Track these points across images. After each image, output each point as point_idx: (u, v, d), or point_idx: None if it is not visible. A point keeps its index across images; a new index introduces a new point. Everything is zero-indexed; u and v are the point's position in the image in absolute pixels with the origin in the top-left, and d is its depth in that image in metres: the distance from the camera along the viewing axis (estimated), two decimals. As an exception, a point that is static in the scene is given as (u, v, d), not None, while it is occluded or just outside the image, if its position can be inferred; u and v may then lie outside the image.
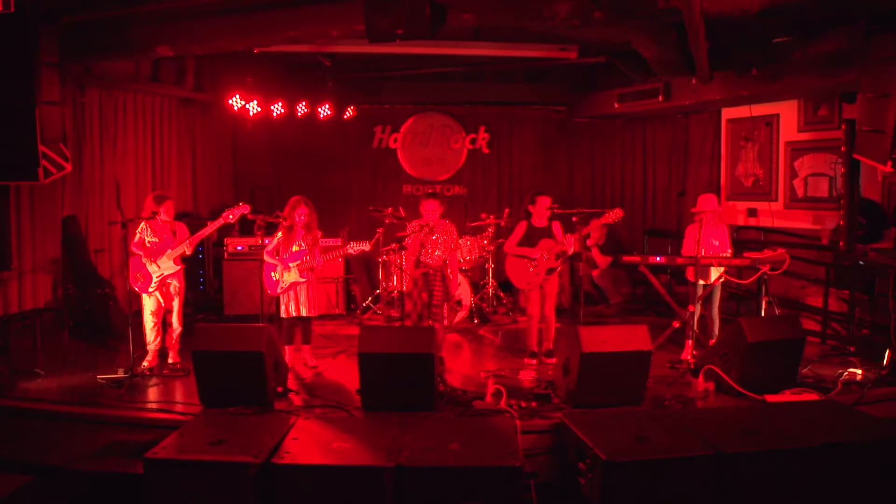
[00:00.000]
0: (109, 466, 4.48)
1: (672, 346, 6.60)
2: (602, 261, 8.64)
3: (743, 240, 8.65)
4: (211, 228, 6.35)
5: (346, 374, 6.19)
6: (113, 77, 7.68)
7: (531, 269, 6.40)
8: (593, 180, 10.41)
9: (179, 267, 6.31)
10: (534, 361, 6.44)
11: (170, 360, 6.34)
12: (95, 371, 6.00)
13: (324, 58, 8.36)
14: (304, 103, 8.93)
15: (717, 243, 6.36)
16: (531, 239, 6.43)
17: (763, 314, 6.49)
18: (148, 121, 8.70)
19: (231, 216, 6.28)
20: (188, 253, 6.34)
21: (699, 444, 4.15)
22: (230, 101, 8.50)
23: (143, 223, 6.28)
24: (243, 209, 6.31)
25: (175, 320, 6.37)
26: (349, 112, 9.45)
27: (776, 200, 8.90)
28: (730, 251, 6.39)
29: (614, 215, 6.26)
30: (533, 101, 10.40)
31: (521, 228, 6.49)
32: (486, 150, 10.48)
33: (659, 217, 10.12)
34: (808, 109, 8.48)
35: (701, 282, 6.37)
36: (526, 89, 10.22)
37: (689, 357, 6.18)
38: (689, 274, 6.52)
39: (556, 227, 6.47)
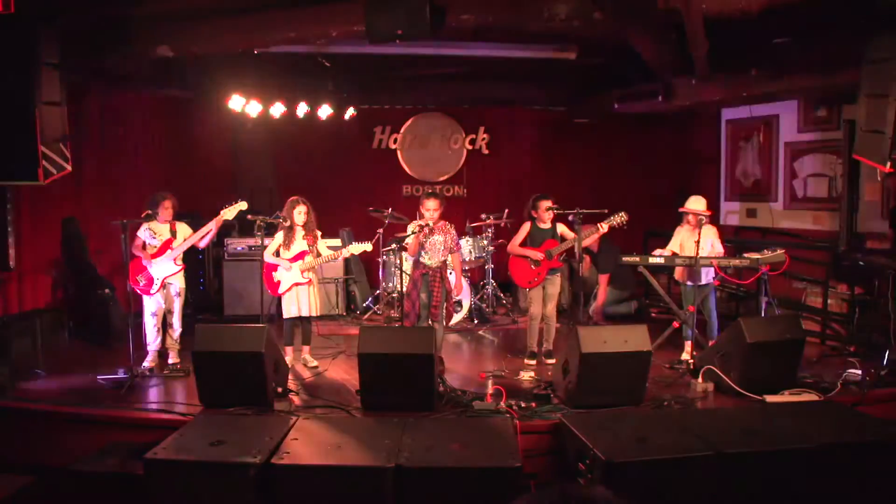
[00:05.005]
0: (109, 467, 4.48)
1: (672, 347, 6.60)
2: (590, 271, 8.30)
3: (742, 240, 8.66)
4: (209, 227, 6.33)
5: (346, 374, 6.20)
6: (113, 77, 7.68)
7: (533, 269, 6.41)
8: (593, 181, 10.40)
9: (180, 267, 6.32)
10: (534, 362, 6.44)
11: (170, 361, 6.34)
12: (95, 371, 6.00)
13: (324, 58, 8.36)
14: (303, 104, 8.93)
15: (709, 246, 6.36)
16: (536, 240, 6.44)
17: (763, 314, 6.49)
18: (148, 121, 8.72)
19: (228, 213, 6.28)
20: (203, 245, 6.42)
21: (699, 444, 4.15)
22: (230, 102, 8.50)
23: (143, 224, 6.29)
24: (240, 205, 6.31)
25: (175, 321, 6.38)
26: (349, 113, 9.45)
27: (776, 201, 8.90)
28: (722, 251, 6.40)
29: (618, 219, 6.24)
30: (533, 102, 10.40)
31: (524, 229, 6.50)
32: (485, 151, 10.48)
33: (659, 218, 10.11)
34: (807, 110, 8.47)
35: (688, 283, 6.37)
36: (526, 90, 10.20)
37: (688, 357, 6.18)
38: (678, 275, 6.53)
39: (561, 228, 6.47)
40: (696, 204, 6.41)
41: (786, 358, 5.48)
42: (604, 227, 6.24)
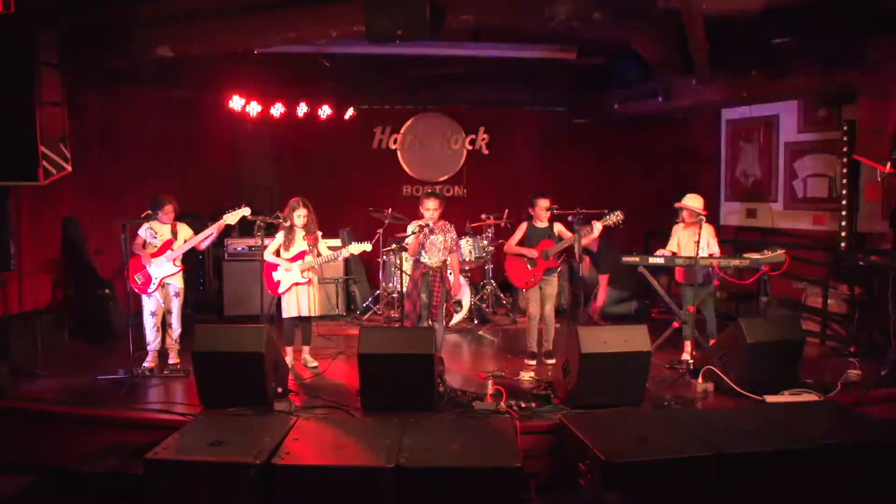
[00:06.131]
0: (109, 467, 4.48)
1: (672, 347, 6.59)
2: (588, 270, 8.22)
3: (742, 240, 8.65)
4: (211, 229, 6.35)
5: (346, 374, 6.19)
6: (113, 77, 7.69)
7: (529, 269, 6.40)
8: (593, 181, 10.40)
9: (179, 268, 6.32)
10: (533, 362, 6.44)
11: (170, 361, 6.34)
12: (95, 371, 6.00)
13: (324, 58, 8.36)
14: (304, 104, 8.94)
15: (705, 245, 6.36)
16: (532, 240, 6.44)
17: (763, 315, 6.49)
18: (148, 121, 8.71)
19: (231, 218, 6.29)
20: (204, 247, 6.43)
21: (699, 444, 4.15)
22: (230, 102, 8.50)
23: (143, 224, 6.29)
24: (243, 211, 6.32)
25: (175, 321, 6.38)
26: (349, 112, 9.45)
27: (776, 201, 8.90)
28: (718, 251, 6.40)
29: (615, 218, 6.24)
30: (533, 102, 10.39)
31: (522, 229, 6.50)
32: (485, 151, 10.48)
33: (659, 218, 10.12)
34: (808, 110, 8.47)
35: (687, 283, 6.36)
36: (526, 90, 10.20)
37: (688, 358, 6.18)
38: (678, 275, 6.52)
39: (558, 227, 6.47)
40: (693, 201, 6.40)
41: (786, 358, 5.48)
42: (597, 226, 6.22)
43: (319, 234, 6.47)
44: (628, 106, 8.96)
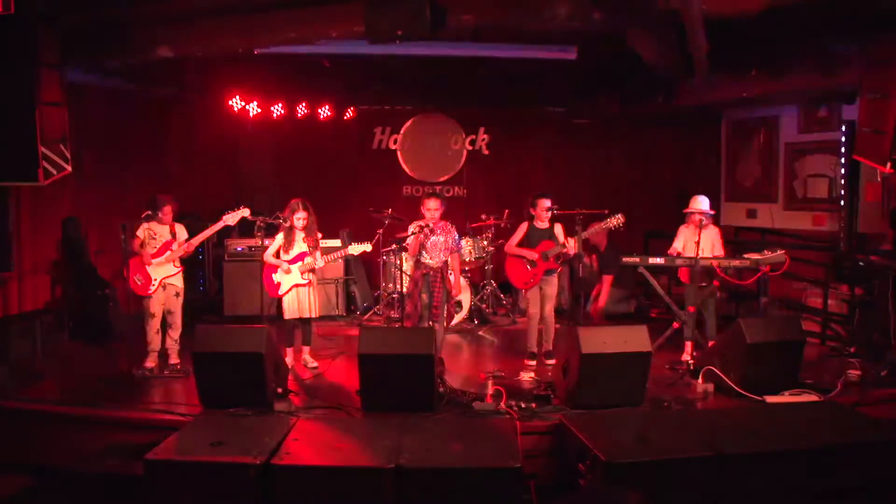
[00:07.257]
0: (109, 468, 4.49)
1: (672, 348, 6.59)
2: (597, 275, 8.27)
3: (743, 241, 8.66)
4: (211, 231, 6.37)
5: (346, 375, 6.19)
6: (113, 77, 7.69)
7: (529, 269, 6.40)
8: (593, 181, 10.41)
9: (179, 268, 6.32)
10: (533, 362, 6.44)
11: (170, 362, 6.33)
12: (95, 372, 5.99)
13: (324, 58, 8.36)
14: (304, 104, 8.94)
15: (709, 246, 6.36)
16: (533, 240, 6.43)
17: (763, 315, 6.49)
18: (148, 121, 8.71)
19: (231, 219, 6.29)
20: (189, 253, 6.36)
21: (699, 444, 4.15)
22: (230, 102, 8.50)
23: (142, 224, 6.29)
24: (243, 212, 6.32)
25: (175, 321, 6.37)
26: (349, 113, 9.45)
27: (776, 202, 8.91)
28: (722, 253, 6.39)
29: (616, 220, 6.24)
30: (533, 103, 10.39)
31: (522, 229, 6.50)
32: (485, 152, 10.49)
33: (659, 218, 10.12)
34: (807, 110, 8.48)
35: (690, 284, 6.36)
36: (526, 90, 10.20)
37: (688, 358, 6.18)
38: (682, 275, 6.52)
39: (559, 228, 6.47)
40: (700, 204, 6.41)
41: (786, 358, 5.48)
42: (570, 243, 6.20)
43: (319, 235, 6.47)
44: (628, 106, 8.97)
